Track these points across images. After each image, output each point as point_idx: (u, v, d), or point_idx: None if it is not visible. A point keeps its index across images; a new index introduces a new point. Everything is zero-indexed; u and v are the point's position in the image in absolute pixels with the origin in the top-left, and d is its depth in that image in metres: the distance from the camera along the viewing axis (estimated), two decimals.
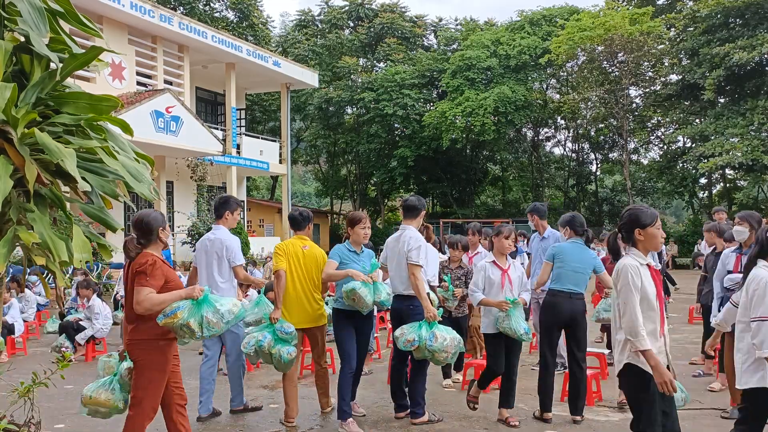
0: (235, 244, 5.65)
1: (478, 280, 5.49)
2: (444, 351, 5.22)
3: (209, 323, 3.94)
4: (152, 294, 3.87)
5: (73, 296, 10.03)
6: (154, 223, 4.11)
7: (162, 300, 3.87)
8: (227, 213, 5.75)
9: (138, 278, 3.89)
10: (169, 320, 3.87)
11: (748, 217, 5.67)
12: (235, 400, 5.95)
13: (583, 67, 28.74)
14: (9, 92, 2.77)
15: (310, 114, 35.03)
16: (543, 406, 5.54)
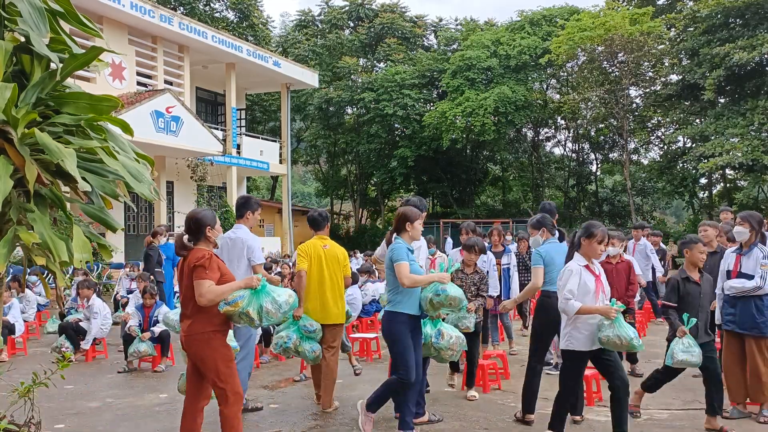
0: (256, 244, 5.75)
1: (572, 286, 4.60)
2: (450, 349, 5.33)
3: (268, 312, 4.10)
4: (213, 285, 4.01)
5: (73, 296, 10.03)
6: (203, 221, 4.22)
7: (223, 291, 4.03)
8: (248, 213, 5.85)
9: (197, 272, 4.02)
10: (230, 308, 4.03)
11: (749, 218, 5.66)
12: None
13: (583, 67, 28.73)
14: (9, 92, 2.77)
15: (310, 114, 35.02)
16: (528, 408, 5.41)
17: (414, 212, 5.06)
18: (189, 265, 4.10)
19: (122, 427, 5.61)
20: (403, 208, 5.16)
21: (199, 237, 4.24)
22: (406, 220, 5.01)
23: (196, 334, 4.09)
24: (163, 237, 11.95)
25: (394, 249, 4.91)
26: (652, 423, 5.47)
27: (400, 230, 5.04)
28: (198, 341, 4.08)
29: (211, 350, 4.07)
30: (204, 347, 4.08)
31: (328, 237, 6.16)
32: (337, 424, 5.56)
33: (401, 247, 4.92)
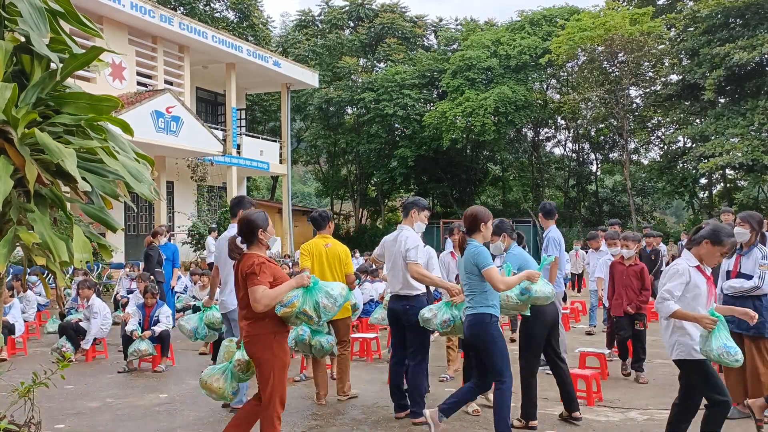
0: None
1: (672, 286, 4.18)
2: None
3: (325, 308, 4.15)
4: (266, 290, 4.02)
5: (74, 296, 10.04)
6: (255, 224, 4.26)
7: (277, 294, 4.05)
8: (240, 211, 5.92)
9: (249, 279, 4.04)
10: (287, 310, 4.07)
11: (749, 218, 5.65)
12: (236, 396, 5.94)
13: (583, 68, 28.73)
14: (9, 92, 2.77)
15: (311, 114, 35.01)
16: (529, 416, 5.31)
17: (487, 212, 4.98)
18: (242, 271, 4.12)
19: (122, 427, 5.61)
20: (474, 208, 5.00)
21: (252, 240, 4.27)
22: (480, 220, 4.89)
23: (255, 336, 4.12)
24: (163, 237, 11.95)
25: (480, 254, 4.73)
26: (652, 423, 5.47)
27: (473, 231, 4.89)
28: (257, 343, 4.11)
29: (269, 354, 4.10)
30: (263, 350, 4.11)
31: (330, 236, 6.29)
32: (337, 424, 5.55)
33: (485, 251, 4.80)
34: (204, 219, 20.03)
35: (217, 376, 4.35)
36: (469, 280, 4.79)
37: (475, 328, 4.76)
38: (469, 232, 4.90)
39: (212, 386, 4.34)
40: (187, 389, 7.00)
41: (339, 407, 6.06)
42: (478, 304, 4.76)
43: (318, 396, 6.22)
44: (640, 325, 7.10)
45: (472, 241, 4.83)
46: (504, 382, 4.69)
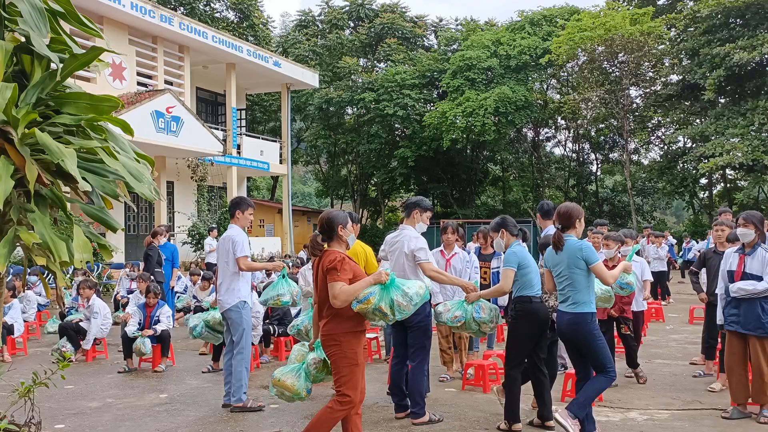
0: (241, 239, 6.00)
1: None
2: (491, 321, 5.40)
3: (399, 306, 4.17)
4: (345, 286, 4.08)
5: (74, 296, 10.04)
6: (335, 221, 4.30)
7: (355, 290, 4.09)
8: (238, 212, 6.16)
9: (330, 275, 4.09)
10: (362, 306, 4.10)
11: (752, 218, 5.60)
12: (235, 395, 5.96)
13: (583, 68, 28.72)
14: (10, 92, 2.77)
15: (311, 114, 35.00)
16: (512, 417, 5.23)
17: (580, 209, 4.99)
18: (322, 268, 4.18)
19: (122, 427, 5.61)
20: (568, 205, 5.00)
21: (332, 236, 4.31)
22: (575, 216, 4.89)
23: (330, 335, 4.18)
24: (163, 237, 11.95)
25: (588, 248, 4.75)
26: (652, 423, 5.47)
27: (568, 227, 4.88)
28: (331, 342, 4.18)
29: (341, 352, 4.16)
30: (336, 348, 4.17)
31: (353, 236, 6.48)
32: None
33: (590, 246, 4.83)
34: (204, 219, 20.03)
35: (291, 374, 4.41)
36: (573, 275, 4.78)
37: (578, 327, 4.78)
38: (564, 228, 4.91)
39: (286, 384, 4.38)
40: (187, 389, 7.00)
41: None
42: (579, 301, 4.77)
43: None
44: (625, 329, 6.83)
45: (571, 237, 4.86)
46: (609, 372, 4.77)
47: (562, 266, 4.85)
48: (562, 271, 4.84)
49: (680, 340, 9.74)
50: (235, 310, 6.01)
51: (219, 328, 7.19)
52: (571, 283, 4.79)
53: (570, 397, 6.14)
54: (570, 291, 4.80)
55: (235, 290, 6.01)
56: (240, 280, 6.03)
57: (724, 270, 5.83)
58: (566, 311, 4.83)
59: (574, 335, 4.85)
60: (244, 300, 6.05)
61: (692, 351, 8.59)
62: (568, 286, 4.82)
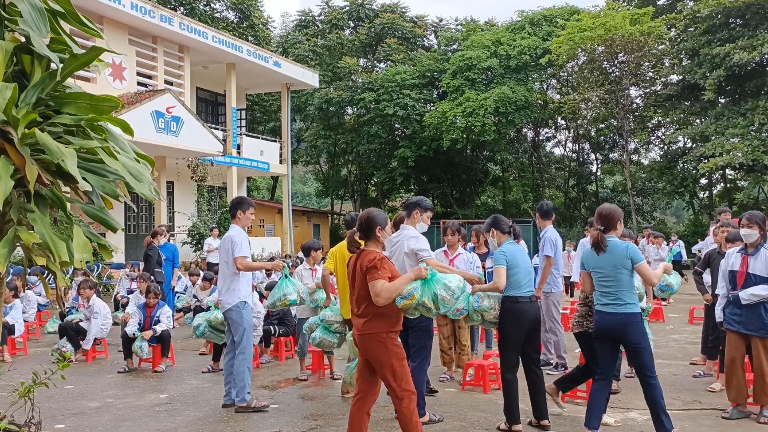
0: (240, 239, 6.02)
1: None
2: (492, 308, 5.33)
3: (443, 299, 4.25)
4: (386, 283, 4.13)
5: (74, 296, 10.04)
6: (374, 221, 4.34)
7: (396, 287, 4.15)
8: (239, 212, 6.19)
9: (370, 273, 4.14)
10: (407, 302, 4.18)
11: (755, 218, 5.60)
12: (239, 396, 5.96)
13: (583, 68, 28.71)
14: (10, 92, 2.77)
15: (311, 114, 35.01)
16: (512, 418, 5.26)
17: (620, 210, 5.02)
18: (362, 267, 4.22)
19: (122, 427, 5.61)
20: (609, 206, 5.03)
21: (370, 236, 4.36)
22: (616, 218, 4.92)
23: (370, 334, 4.21)
24: (163, 237, 11.95)
25: (633, 248, 4.81)
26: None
27: (609, 228, 4.92)
28: (372, 341, 4.21)
29: (386, 350, 4.19)
30: (379, 347, 4.20)
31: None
32: (337, 424, 5.56)
33: (635, 246, 4.87)
34: (204, 219, 20.03)
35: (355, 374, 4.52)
36: (619, 276, 4.80)
37: (631, 327, 4.79)
38: (606, 229, 4.93)
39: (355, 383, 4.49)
40: (187, 389, 7.01)
41: (339, 407, 6.07)
42: (626, 301, 4.79)
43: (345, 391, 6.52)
44: None
45: (614, 238, 4.88)
46: (653, 376, 4.79)
47: (606, 268, 4.84)
48: (607, 272, 4.84)
49: (680, 340, 9.74)
50: (235, 310, 6.02)
51: (222, 327, 7.20)
52: (618, 284, 4.80)
53: (570, 397, 6.15)
54: (618, 292, 4.81)
55: (236, 290, 6.03)
56: (240, 280, 6.04)
57: (725, 270, 5.82)
58: (613, 312, 4.82)
59: (622, 335, 4.83)
60: (245, 300, 6.06)
61: (692, 351, 8.59)
62: (614, 287, 4.82)
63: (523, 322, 5.21)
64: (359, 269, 4.24)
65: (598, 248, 4.87)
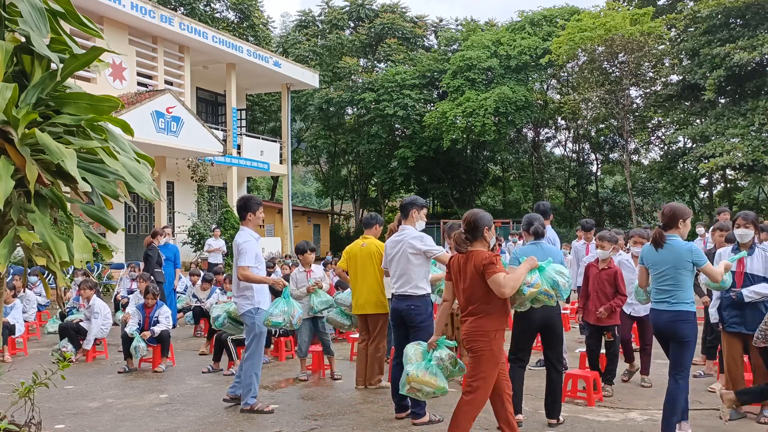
0: (247, 246, 5.83)
1: None
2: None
3: (562, 285, 4.47)
4: (508, 275, 4.27)
5: (75, 296, 10.04)
6: (481, 222, 4.45)
7: (517, 277, 4.31)
8: (249, 214, 6.01)
9: (489, 269, 4.25)
10: (533, 290, 4.39)
11: (751, 218, 5.63)
12: (245, 398, 5.94)
13: (583, 68, 28.71)
14: (10, 93, 2.77)
15: (311, 114, 35.02)
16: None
17: (686, 209, 5.02)
18: (476, 266, 4.30)
19: (122, 427, 5.61)
20: (674, 205, 5.05)
21: (477, 236, 4.44)
22: (679, 216, 4.92)
23: (482, 331, 4.31)
24: (163, 238, 11.94)
25: (698, 252, 4.85)
26: (652, 423, 5.47)
27: (671, 227, 4.93)
28: (481, 339, 4.31)
29: (490, 349, 4.30)
30: (486, 344, 4.30)
31: (372, 236, 6.69)
32: (337, 424, 5.56)
33: (699, 249, 4.90)
34: (204, 219, 20.03)
35: (427, 372, 4.53)
36: (678, 275, 4.83)
37: (686, 324, 4.84)
38: (667, 227, 4.94)
39: (428, 381, 4.50)
40: (187, 389, 7.01)
41: (339, 407, 6.07)
42: (686, 300, 4.85)
43: (357, 382, 6.78)
44: (608, 336, 6.54)
45: (675, 237, 4.90)
46: (685, 377, 4.87)
47: (665, 265, 4.87)
48: (666, 270, 4.87)
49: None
50: (248, 315, 5.94)
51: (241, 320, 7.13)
52: (677, 283, 4.85)
53: (570, 397, 6.15)
54: (675, 290, 4.85)
55: (247, 296, 5.93)
56: (253, 285, 5.92)
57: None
58: (668, 309, 4.87)
59: (676, 332, 4.87)
60: (257, 307, 5.95)
61: None
62: (672, 284, 4.86)
63: (531, 323, 5.29)
64: (472, 269, 4.32)
65: (657, 244, 4.91)
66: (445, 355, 4.57)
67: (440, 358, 4.56)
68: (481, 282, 4.28)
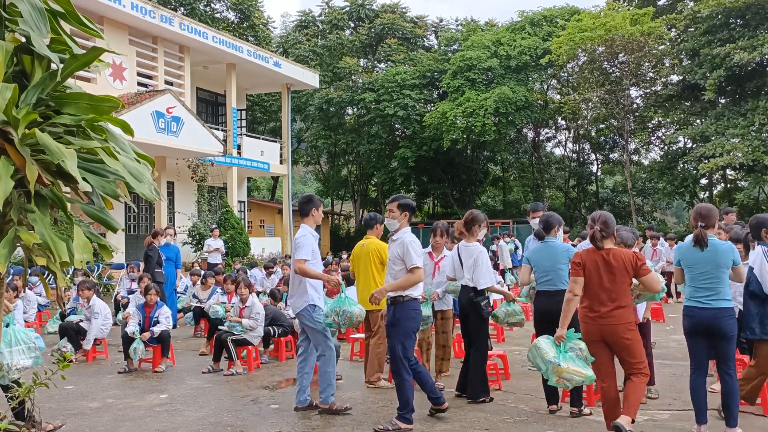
0: (305, 241, 5.92)
1: None
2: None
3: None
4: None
5: (75, 296, 10.04)
6: (612, 222, 4.98)
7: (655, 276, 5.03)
8: (313, 210, 6.11)
9: (643, 268, 4.88)
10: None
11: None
12: (322, 395, 5.92)
13: (583, 68, 28.71)
14: (10, 93, 2.77)
15: (311, 114, 35.01)
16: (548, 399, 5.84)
17: (717, 211, 5.25)
18: (625, 264, 4.83)
19: (123, 427, 5.61)
20: (709, 206, 5.22)
21: (610, 233, 4.96)
22: (715, 217, 5.14)
23: (625, 323, 4.85)
24: (164, 238, 11.94)
25: (736, 250, 5.10)
26: (652, 423, 5.48)
27: (710, 226, 5.10)
28: (631, 328, 4.89)
29: (635, 336, 4.90)
30: (631, 333, 4.87)
31: (373, 236, 6.90)
32: (337, 424, 5.56)
33: (735, 248, 5.15)
34: (204, 219, 20.03)
35: (573, 363, 4.94)
36: (720, 273, 5.04)
37: (729, 319, 5.03)
38: (707, 227, 5.11)
39: (578, 371, 4.92)
40: (188, 389, 7.01)
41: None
42: (726, 297, 5.03)
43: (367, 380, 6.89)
44: None
45: (712, 236, 5.10)
46: (734, 369, 5.09)
47: (708, 265, 5.03)
48: (708, 269, 5.03)
49: (680, 340, 9.70)
50: (305, 314, 5.91)
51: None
52: (719, 280, 5.03)
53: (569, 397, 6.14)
54: (718, 287, 5.02)
55: (303, 294, 5.91)
56: (307, 284, 5.92)
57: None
58: (712, 307, 5.01)
59: (721, 328, 5.01)
60: (314, 303, 5.92)
61: None
62: (714, 283, 5.03)
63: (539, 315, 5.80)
64: (620, 265, 4.82)
65: (701, 245, 5.04)
66: (584, 347, 4.98)
67: (579, 348, 4.99)
68: (628, 278, 4.83)
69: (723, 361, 5.07)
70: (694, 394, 5.09)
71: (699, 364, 5.15)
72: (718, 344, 5.06)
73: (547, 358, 4.96)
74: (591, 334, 4.95)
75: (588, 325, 4.95)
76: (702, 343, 5.13)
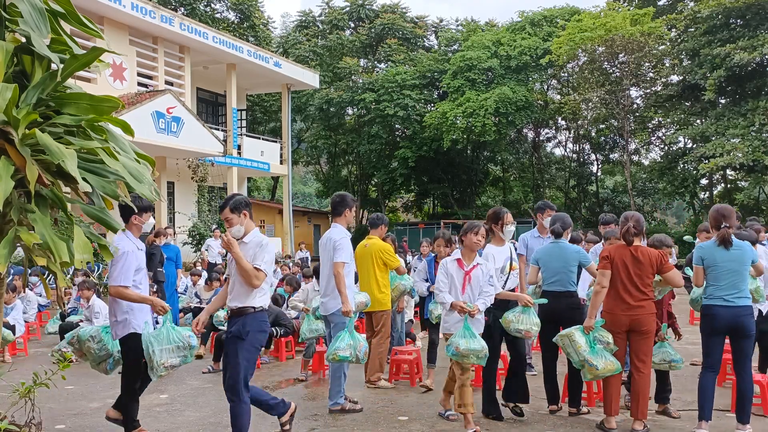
0: (343, 243, 5.85)
1: None
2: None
3: None
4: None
5: (75, 296, 10.04)
6: (642, 221, 5.32)
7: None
8: (346, 210, 6.04)
9: (667, 265, 5.26)
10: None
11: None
12: (332, 399, 5.93)
13: (583, 68, 28.71)
14: (10, 93, 2.77)
15: (311, 115, 35.01)
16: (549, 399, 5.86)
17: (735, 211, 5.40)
18: (650, 260, 5.18)
19: (121, 429, 5.60)
20: (728, 207, 5.37)
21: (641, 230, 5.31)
22: (735, 216, 5.26)
23: (651, 313, 5.22)
24: (164, 238, 11.93)
25: (751, 249, 5.25)
26: (653, 424, 5.47)
27: (733, 225, 5.22)
28: (652, 318, 5.25)
29: (654, 328, 5.32)
30: (654, 323, 5.30)
31: (375, 237, 6.83)
32: (338, 424, 5.56)
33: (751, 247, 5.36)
34: (204, 220, 20.03)
35: (603, 358, 5.18)
36: (744, 272, 5.19)
37: (750, 318, 5.19)
38: (731, 226, 5.25)
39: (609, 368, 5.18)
40: (188, 389, 7.01)
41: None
42: (747, 295, 5.19)
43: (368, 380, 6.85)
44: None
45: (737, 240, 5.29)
46: (750, 368, 5.23)
47: (735, 263, 5.15)
48: (735, 267, 5.15)
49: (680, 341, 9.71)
50: (338, 314, 5.86)
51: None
52: (742, 279, 5.17)
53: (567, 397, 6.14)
54: (742, 285, 5.15)
55: (338, 296, 5.80)
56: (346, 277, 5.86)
57: None
58: (735, 305, 5.11)
59: (743, 326, 5.12)
60: None
61: (692, 351, 8.58)
62: (739, 281, 5.16)
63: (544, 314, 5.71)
64: (646, 261, 5.16)
65: (727, 244, 5.15)
66: (611, 338, 5.22)
67: (607, 342, 5.22)
68: (652, 273, 5.19)
69: (741, 359, 5.17)
70: (703, 390, 5.14)
71: (713, 362, 5.23)
72: (739, 342, 5.16)
73: (580, 351, 5.20)
74: (620, 325, 5.21)
75: (616, 316, 5.20)
76: (720, 343, 5.24)
